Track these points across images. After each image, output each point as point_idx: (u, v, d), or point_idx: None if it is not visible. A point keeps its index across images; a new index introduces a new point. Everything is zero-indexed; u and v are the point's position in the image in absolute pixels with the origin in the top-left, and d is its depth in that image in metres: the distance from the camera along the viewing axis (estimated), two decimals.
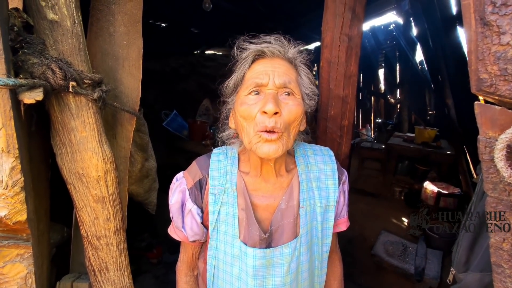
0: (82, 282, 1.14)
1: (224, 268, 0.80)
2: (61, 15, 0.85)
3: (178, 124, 4.02)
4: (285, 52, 0.76)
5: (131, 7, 1.15)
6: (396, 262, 2.55)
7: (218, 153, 0.85)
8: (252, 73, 0.73)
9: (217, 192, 0.79)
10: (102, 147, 0.94)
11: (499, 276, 0.61)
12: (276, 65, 0.73)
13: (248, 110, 0.70)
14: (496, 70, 0.51)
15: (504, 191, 0.57)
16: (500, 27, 0.48)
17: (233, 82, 0.79)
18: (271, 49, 0.74)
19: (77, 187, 0.94)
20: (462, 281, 0.88)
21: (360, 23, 1.43)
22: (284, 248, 0.76)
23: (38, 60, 0.78)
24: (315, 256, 0.84)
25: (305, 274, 0.81)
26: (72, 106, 0.88)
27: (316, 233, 0.82)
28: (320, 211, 0.82)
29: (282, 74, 0.72)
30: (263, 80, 0.71)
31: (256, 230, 0.76)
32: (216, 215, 0.79)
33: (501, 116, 0.54)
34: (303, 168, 0.83)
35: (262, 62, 0.74)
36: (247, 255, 0.75)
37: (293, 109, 0.70)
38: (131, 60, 1.16)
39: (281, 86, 0.71)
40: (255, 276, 0.75)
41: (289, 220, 0.79)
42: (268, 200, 0.80)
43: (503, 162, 0.52)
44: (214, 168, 0.82)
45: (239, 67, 0.77)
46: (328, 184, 0.83)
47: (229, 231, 0.78)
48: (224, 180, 0.80)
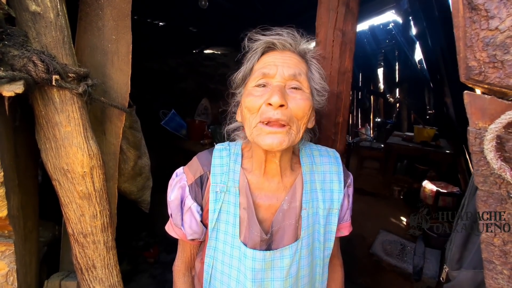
0: (71, 280, 1.12)
1: (222, 269, 0.78)
2: (44, 6, 0.83)
3: (177, 123, 4.01)
4: (296, 46, 0.74)
5: (120, 1, 1.13)
6: (395, 261, 2.53)
7: (221, 149, 0.82)
8: (261, 64, 0.72)
9: (219, 190, 0.76)
10: (87, 143, 0.92)
11: (490, 272, 0.59)
12: (286, 57, 0.71)
13: (253, 101, 0.68)
14: (485, 57, 0.48)
15: (494, 184, 0.54)
16: (488, 11, 0.46)
17: (241, 74, 0.77)
18: (282, 41, 0.72)
19: (62, 183, 0.92)
20: (456, 279, 0.86)
21: (354, 18, 1.41)
22: (285, 250, 0.74)
23: (19, 52, 0.76)
24: (317, 261, 0.80)
25: (305, 279, 0.78)
26: (56, 100, 0.87)
27: (318, 237, 0.79)
28: (323, 214, 0.79)
29: (292, 66, 0.70)
30: (271, 70, 0.69)
31: (257, 231, 0.74)
32: (217, 213, 0.76)
33: (491, 106, 0.52)
34: (308, 168, 0.80)
35: (272, 54, 0.73)
36: (246, 257, 0.73)
37: (301, 103, 0.68)
38: (120, 55, 1.14)
39: (290, 78, 0.69)
40: (253, 279, 0.72)
41: (291, 221, 0.76)
42: (271, 200, 0.77)
43: (493, 153, 0.50)
44: (216, 164, 0.79)
45: (248, 58, 0.76)
46: (332, 187, 0.81)
47: (229, 231, 0.76)
48: (227, 177, 0.77)
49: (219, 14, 3.68)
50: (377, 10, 4.68)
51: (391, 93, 6.28)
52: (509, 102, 0.50)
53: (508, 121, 0.48)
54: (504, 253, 0.57)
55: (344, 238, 0.90)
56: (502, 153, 0.51)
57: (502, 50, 0.46)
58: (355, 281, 2.58)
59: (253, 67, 0.74)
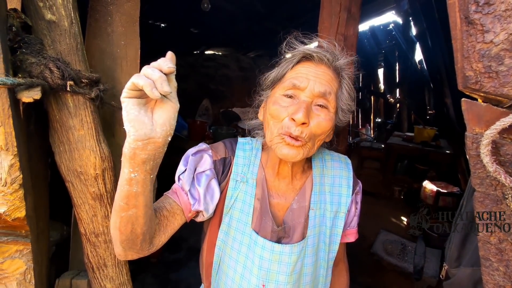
0: (81, 279, 1.16)
1: (230, 253, 0.80)
2: (58, 15, 0.86)
3: (178, 124, 4.03)
4: (334, 61, 0.73)
5: (129, 8, 1.17)
6: (395, 261, 2.56)
7: (244, 142, 0.85)
8: (293, 74, 0.71)
9: (239, 179, 0.79)
10: (99, 146, 0.96)
11: (487, 269, 0.62)
12: (320, 72, 0.70)
13: (278, 111, 0.69)
14: (481, 68, 0.52)
15: (490, 185, 0.58)
16: (484, 25, 0.49)
17: (272, 77, 0.76)
18: (320, 55, 0.71)
19: (75, 185, 0.95)
20: (455, 276, 0.89)
21: (356, 23, 1.44)
22: (294, 247, 0.76)
23: (36, 59, 0.79)
24: (321, 262, 0.82)
25: (307, 277, 0.80)
26: (70, 105, 0.90)
27: (324, 238, 0.81)
28: (330, 216, 0.81)
29: (324, 83, 0.69)
30: (302, 83, 0.68)
31: (269, 221, 0.77)
32: (233, 201, 0.78)
33: (487, 113, 0.55)
34: (318, 171, 0.83)
35: (307, 65, 0.71)
36: (256, 244, 0.75)
37: (323, 123, 0.69)
38: (128, 60, 1.18)
39: (319, 95, 0.69)
40: (260, 267, 0.75)
41: (300, 220, 0.79)
42: (280, 200, 0.80)
43: (488, 157, 0.54)
44: (240, 155, 0.81)
45: (283, 64, 0.75)
46: (341, 191, 0.83)
47: (242, 219, 0.78)
48: (247, 169, 0.80)
49: (220, 16, 3.71)
50: (378, 10, 4.70)
51: (391, 94, 6.31)
52: (503, 109, 0.53)
53: (502, 127, 0.51)
54: (500, 250, 0.60)
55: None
56: (497, 157, 0.55)
57: (497, 61, 0.50)
58: (356, 281, 2.61)
59: (285, 74, 0.73)
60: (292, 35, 0.75)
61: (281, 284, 0.76)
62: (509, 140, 0.54)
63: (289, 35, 0.76)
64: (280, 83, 0.74)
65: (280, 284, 0.76)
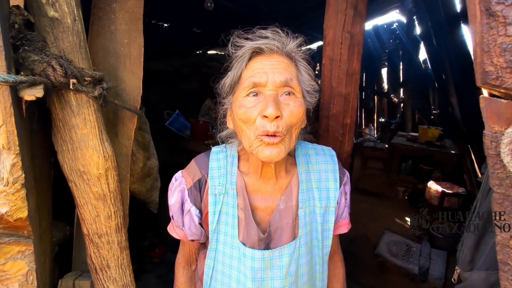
0: (84, 280, 1.14)
1: (222, 269, 0.79)
2: (61, 12, 0.85)
3: (181, 124, 4.03)
4: (284, 48, 0.71)
5: (132, 5, 1.15)
6: (400, 262, 2.53)
7: (218, 151, 0.83)
8: (249, 72, 0.69)
9: (218, 192, 0.77)
10: (103, 145, 0.94)
11: (505, 274, 0.60)
12: (275, 62, 0.68)
13: (247, 114, 0.66)
14: (502, 62, 0.49)
15: (510, 186, 0.55)
16: (506, 17, 0.47)
17: (229, 82, 0.74)
18: (269, 45, 0.69)
19: (78, 185, 0.94)
20: (467, 280, 0.86)
21: (362, 20, 1.41)
22: (283, 249, 0.74)
23: (38, 57, 0.77)
24: (316, 259, 0.81)
25: (304, 277, 0.78)
26: (73, 103, 0.88)
27: (316, 235, 0.80)
28: (320, 212, 0.79)
29: (282, 71, 0.67)
30: (261, 79, 0.66)
31: (254, 230, 0.75)
32: (217, 215, 0.77)
33: (508, 110, 0.53)
34: (304, 168, 0.81)
35: (260, 60, 0.69)
36: (245, 256, 0.74)
37: (295, 110, 0.67)
38: (132, 58, 1.16)
39: (282, 84, 0.67)
40: (253, 279, 0.73)
41: (288, 220, 0.77)
42: (267, 202, 0.78)
43: (509, 156, 0.51)
44: (214, 167, 0.80)
45: (235, 66, 0.72)
46: (328, 185, 0.81)
47: (228, 232, 0.77)
48: (224, 179, 0.78)
49: (222, 15, 3.69)
50: (381, 9, 4.68)
51: (395, 93, 6.27)
52: None
53: None
54: None
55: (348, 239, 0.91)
56: None
57: None
58: (360, 282, 2.58)
59: (241, 75, 0.71)
60: (234, 35, 0.73)
61: None
62: None
63: (231, 36, 0.73)
64: (239, 85, 0.71)
65: None
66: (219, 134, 0.86)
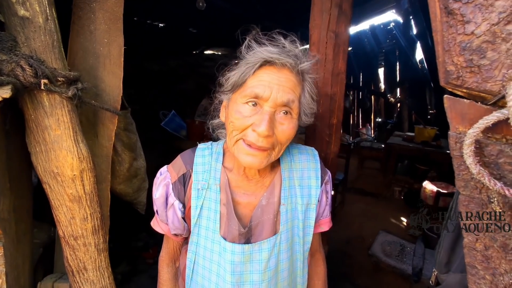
0: (63, 282, 1.13)
1: (203, 263, 0.80)
2: (32, 11, 0.83)
3: (177, 124, 4.01)
4: (296, 66, 0.70)
5: (112, 5, 1.14)
6: (394, 262, 2.51)
7: (203, 148, 0.85)
8: (255, 81, 0.68)
9: (200, 187, 0.79)
10: (77, 146, 0.93)
11: (473, 277, 0.59)
12: (283, 79, 0.68)
13: (241, 121, 0.67)
14: (462, 62, 0.48)
15: (475, 188, 0.54)
16: (464, 15, 0.46)
17: (233, 81, 0.72)
18: (283, 60, 0.68)
19: (52, 186, 0.92)
20: (444, 282, 0.85)
21: (347, 19, 1.40)
22: (263, 244, 0.76)
23: (7, 57, 0.77)
24: (297, 255, 0.83)
25: (284, 273, 0.80)
26: (46, 104, 0.87)
27: (298, 232, 0.81)
28: (301, 209, 0.81)
29: (287, 90, 0.67)
30: (264, 93, 0.66)
31: (235, 225, 0.76)
32: (199, 210, 0.78)
33: (470, 110, 0.51)
34: (287, 166, 0.83)
35: (269, 71, 0.68)
36: (225, 250, 0.75)
37: (287, 131, 0.69)
38: (112, 58, 1.15)
39: (282, 104, 0.67)
40: (233, 272, 0.74)
41: (269, 216, 0.78)
42: (249, 198, 0.80)
43: (471, 158, 0.50)
44: (198, 163, 0.81)
45: (243, 69, 0.70)
46: (310, 183, 0.83)
47: (210, 226, 0.78)
48: (208, 175, 0.79)
49: (218, 15, 3.68)
50: (378, 9, 4.66)
51: (391, 93, 6.25)
52: (487, 107, 0.49)
53: (486, 126, 0.48)
54: (486, 258, 0.56)
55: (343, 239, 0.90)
56: (481, 158, 0.51)
57: (479, 54, 0.46)
58: (354, 282, 2.57)
59: (246, 80, 0.70)
60: (251, 36, 0.72)
61: (256, 284, 0.75)
62: (494, 139, 0.50)
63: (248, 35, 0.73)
64: (241, 89, 0.70)
65: (255, 284, 0.75)
66: (211, 121, 0.88)
